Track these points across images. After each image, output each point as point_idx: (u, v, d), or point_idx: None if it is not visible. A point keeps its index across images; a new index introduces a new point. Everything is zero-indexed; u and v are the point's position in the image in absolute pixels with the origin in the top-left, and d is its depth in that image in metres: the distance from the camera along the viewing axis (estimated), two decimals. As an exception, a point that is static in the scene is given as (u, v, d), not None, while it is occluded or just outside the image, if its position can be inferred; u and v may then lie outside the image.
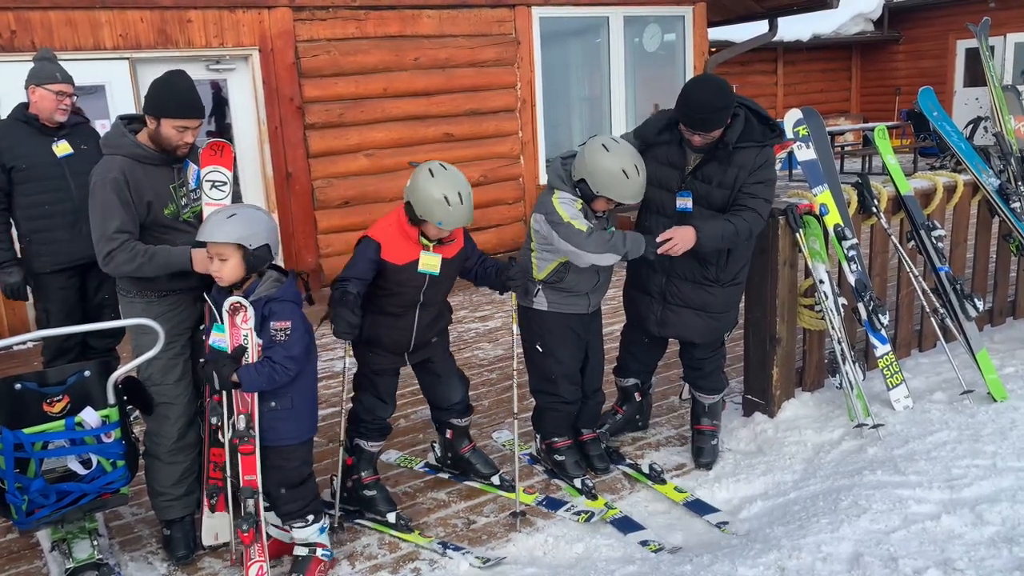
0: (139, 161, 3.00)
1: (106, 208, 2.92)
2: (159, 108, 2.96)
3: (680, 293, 3.52)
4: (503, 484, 3.61)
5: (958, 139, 4.66)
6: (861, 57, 17.13)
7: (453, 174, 3.10)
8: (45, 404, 2.85)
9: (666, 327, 3.60)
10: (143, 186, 2.99)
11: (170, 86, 2.98)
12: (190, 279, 3.05)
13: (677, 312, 3.54)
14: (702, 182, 3.38)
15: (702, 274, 3.47)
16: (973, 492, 3.05)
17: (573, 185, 3.29)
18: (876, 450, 3.51)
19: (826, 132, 4.16)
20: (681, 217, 3.38)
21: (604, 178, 3.17)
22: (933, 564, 2.64)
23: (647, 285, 3.59)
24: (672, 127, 3.39)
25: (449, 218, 3.05)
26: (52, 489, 2.80)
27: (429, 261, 3.20)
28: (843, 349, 3.81)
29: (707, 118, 3.20)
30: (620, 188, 3.17)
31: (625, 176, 3.15)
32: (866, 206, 4.13)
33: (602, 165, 3.17)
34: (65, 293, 4.35)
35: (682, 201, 3.40)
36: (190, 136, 3.02)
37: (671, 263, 3.43)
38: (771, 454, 3.73)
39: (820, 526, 2.92)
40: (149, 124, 3.00)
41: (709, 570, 2.77)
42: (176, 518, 3.21)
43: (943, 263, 4.18)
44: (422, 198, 3.04)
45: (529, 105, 8.06)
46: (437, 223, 3.06)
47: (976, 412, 3.73)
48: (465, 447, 3.72)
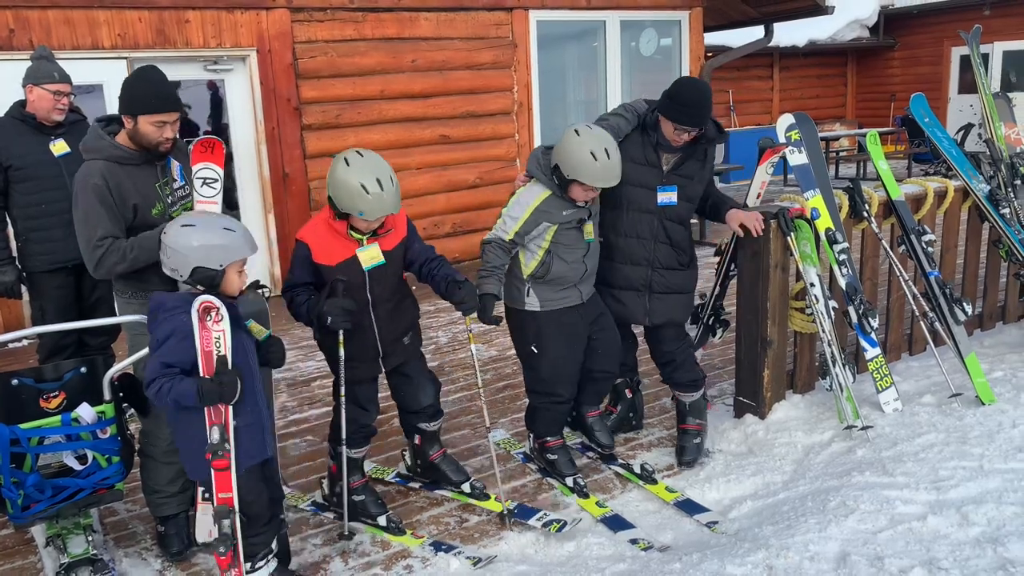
0: (120, 163, 2.93)
1: (89, 215, 2.88)
2: (133, 106, 2.88)
3: (664, 280, 3.67)
4: (474, 492, 3.51)
5: (949, 145, 4.71)
6: (857, 63, 17.21)
7: (371, 160, 2.96)
8: (42, 400, 2.89)
9: (655, 315, 3.71)
10: (126, 189, 2.93)
11: (142, 81, 2.90)
12: None
13: (662, 299, 3.69)
14: (683, 177, 3.59)
15: (677, 260, 3.68)
16: (959, 493, 3.08)
17: (551, 172, 3.33)
18: (865, 452, 3.55)
19: (818, 137, 4.20)
20: (663, 211, 3.58)
21: (574, 161, 3.22)
22: (919, 563, 2.67)
23: (632, 281, 3.67)
24: (645, 128, 3.53)
25: (371, 207, 2.91)
26: (48, 484, 2.83)
27: (369, 255, 3.07)
28: (833, 352, 3.85)
29: (701, 117, 3.41)
30: (588, 170, 3.21)
31: (593, 158, 3.19)
32: (857, 211, 4.18)
33: (571, 148, 3.23)
34: (61, 292, 4.36)
35: (666, 196, 3.56)
36: (169, 131, 2.94)
37: (653, 254, 3.63)
38: (761, 455, 3.77)
39: (808, 526, 2.96)
40: (126, 124, 2.92)
41: (698, 568, 2.81)
42: (171, 515, 3.22)
43: (933, 268, 4.23)
44: (340, 189, 2.92)
45: (526, 108, 8.11)
46: (359, 214, 2.93)
47: (964, 415, 3.77)
48: (435, 453, 3.60)
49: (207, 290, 2.59)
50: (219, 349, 2.55)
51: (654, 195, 3.56)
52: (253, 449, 2.68)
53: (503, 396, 4.75)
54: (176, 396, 2.50)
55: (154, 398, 2.53)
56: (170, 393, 2.50)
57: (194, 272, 2.56)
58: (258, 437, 2.70)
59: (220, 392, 2.52)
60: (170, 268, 2.61)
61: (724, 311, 4.37)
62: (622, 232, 3.62)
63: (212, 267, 2.56)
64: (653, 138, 3.53)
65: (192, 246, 2.55)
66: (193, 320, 2.51)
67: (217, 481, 2.58)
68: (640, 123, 3.59)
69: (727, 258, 4.23)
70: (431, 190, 7.62)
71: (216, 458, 2.57)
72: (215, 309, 2.53)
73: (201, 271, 2.56)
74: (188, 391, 2.49)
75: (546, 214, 3.36)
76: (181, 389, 2.49)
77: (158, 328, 2.56)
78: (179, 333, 2.53)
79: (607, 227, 3.64)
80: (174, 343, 2.53)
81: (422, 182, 7.54)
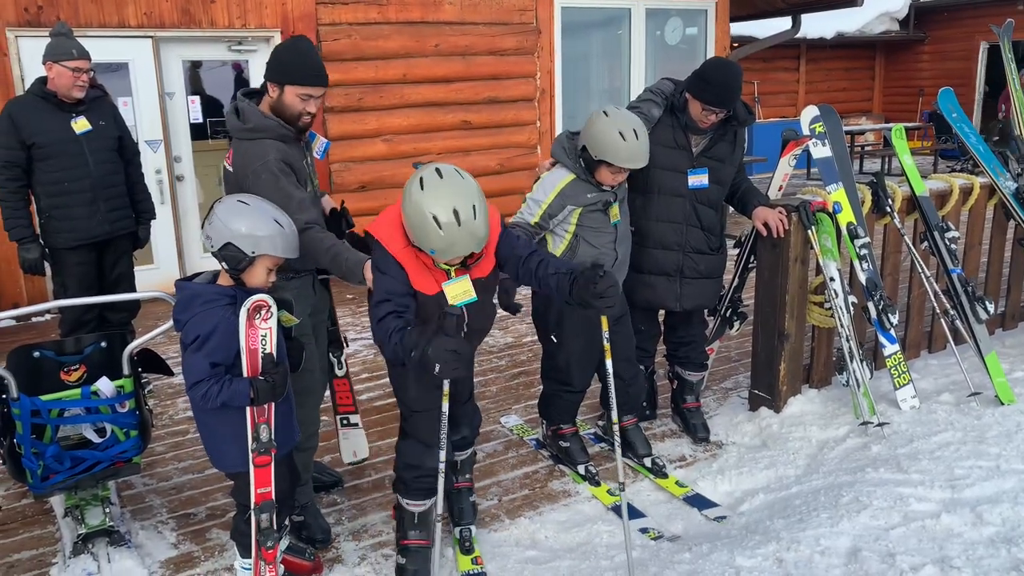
0: (284, 141, 2.83)
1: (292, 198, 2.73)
2: (282, 74, 2.78)
3: (695, 265, 3.69)
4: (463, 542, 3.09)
5: (976, 141, 4.64)
6: (885, 57, 16.97)
7: (452, 183, 2.39)
8: (62, 373, 2.93)
9: (685, 300, 3.73)
10: (295, 168, 2.84)
11: (293, 52, 2.80)
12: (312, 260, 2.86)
13: (693, 283, 3.71)
14: (713, 160, 3.59)
15: (708, 244, 3.70)
16: (975, 492, 3.05)
17: (577, 156, 3.29)
18: (880, 448, 3.52)
19: (842, 130, 4.15)
20: (695, 194, 3.58)
21: (601, 142, 3.17)
22: (930, 561, 2.66)
23: (664, 266, 3.67)
24: (673, 111, 3.51)
25: (443, 246, 2.38)
26: (67, 455, 2.88)
27: (457, 289, 2.53)
28: (851, 347, 3.82)
29: (730, 97, 3.42)
30: (617, 151, 3.16)
31: (622, 138, 3.14)
32: (880, 206, 4.13)
33: (600, 129, 3.18)
34: (82, 268, 4.41)
35: (698, 179, 3.56)
36: (313, 106, 2.83)
37: (685, 239, 3.64)
38: (775, 449, 3.75)
39: (820, 520, 2.95)
40: (271, 92, 2.81)
41: (708, 559, 2.81)
42: (306, 503, 3.15)
43: (956, 265, 4.17)
44: (410, 221, 2.42)
45: (548, 95, 8.07)
46: (430, 251, 2.41)
47: (982, 414, 3.73)
48: (458, 483, 3.23)
49: (230, 272, 2.51)
50: (265, 347, 2.46)
51: (685, 178, 3.56)
52: (286, 440, 2.66)
53: (517, 383, 4.76)
54: (227, 399, 2.41)
55: (199, 400, 2.43)
56: (219, 396, 2.40)
57: (225, 247, 2.45)
58: (289, 427, 2.70)
59: (273, 392, 2.45)
60: (206, 235, 2.50)
61: (742, 303, 4.34)
62: (653, 217, 3.61)
63: (244, 251, 2.44)
64: (682, 120, 3.52)
65: (235, 225, 2.44)
66: (240, 317, 2.41)
67: (257, 477, 2.53)
68: (668, 104, 3.57)
69: (747, 250, 4.20)
70: (451, 175, 7.61)
71: (263, 454, 2.52)
72: (266, 307, 2.44)
73: (232, 249, 2.44)
74: (242, 393, 2.41)
75: (570, 197, 3.31)
76: (234, 392, 2.41)
77: (196, 320, 2.46)
78: (223, 330, 2.43)
79: (637, 213, 3.62)
80: (219, 341, 2.43)
81: (442, 167, 7.53)
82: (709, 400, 4.36)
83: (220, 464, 2.69)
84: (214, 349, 2.43)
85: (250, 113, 2.81)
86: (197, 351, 2.44)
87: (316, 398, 3.15)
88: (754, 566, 2.72)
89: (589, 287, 2.50)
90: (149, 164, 6.13)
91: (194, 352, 2.45)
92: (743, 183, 3.79)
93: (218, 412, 2.49)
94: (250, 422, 2.50)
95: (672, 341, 4.00)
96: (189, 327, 2.47)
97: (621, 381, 3.66)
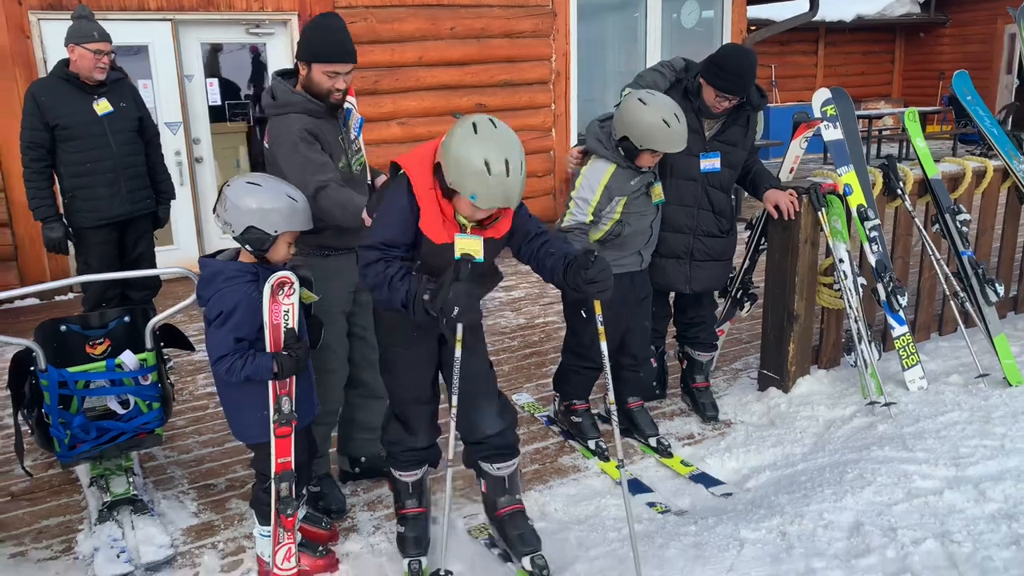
0: (312, 116, 2.88)
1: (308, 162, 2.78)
2: (309, 51, 2.83)
3: (705, 248, 3.72)
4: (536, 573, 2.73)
5: (991, 124, 4.63)
6: (905, 40, 16.76)
7: (505, 135, 2.38)
8: (87, 346, 3.04)
9: (695, 282, 3.77)
10: (323, 141, 2.89)
11: (320, 30, 2.84)
12: (356, 237, 2.90)
13: (702, 266, 3.75)
14: (726, 144, 3.62)
15: (718, 227, 3.73)
16: (978, 471, 3.10)
17: (615, 145, 3.31)
18: (886, 427, 3.57)
19: (854, 113, 4.17)
20: (706, 178, 3.61)
21: (646, 131, 3.18)
22: (931, 535, 2.71)
23: (674, 248, 3.71)
24: (687, 95, 3.53)
25: (488, 193, 2.33)
26: (93, 426, 2.99)
27: (467, 245, 2.48)
28: (860, 328, 3.86)
29: (744, 85, 3.45)
30: (663, 138, 3.19)
31: (667, 126, 3.17)
32: (891, 188, 4.15)
33: (643, 118, 3.19)
34: (105, 247, 4.51)
35: (710, 162, 3.59)
36: (341, 82, 2.87)
37: (696, 222, 3.67)
38: (783, 427, 3.81)
39: (824, 495, 3.00)
40: (301, 70, 2.88)
41: (713, 532, 2.87)
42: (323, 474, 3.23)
43: (966, 247, 4.19)
44: (456, 160, 2.33)
45: (563, 78, 8.09)
46: (470, 196, 2.35)
47: (990, 395, 3.76)
48: (503, 508, 2.83)
49: (253, 252, 2.57)
50: (287, 322, 2.52)
51: (697, 162, 3.59)
52: (306, 413, 2.74)
53: (529, 363, 4.84)
54: (251, 373, 2.48)
55: (224, 374, 2.50)
56: (243, 370, 2.48)
57: (247, 231, 2.52)
58: (309, 400, 2.78)
59: (296, 367, 2.53)
60: (223, 221, 2.55)
61: (752, 285, 4.38)
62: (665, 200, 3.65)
63: (267, 231, 2.50)
64: (695, 104, 3.54)
65: (253, 206, 2.49)
66: (264, 293, 2.47)
67: (278, 447, 2.61)
68: (682, 87, 3.58)
69: (758, 232, 4.23)
70: (466, 158, 7.67)
71: (284, 425, 2.58)
72: (289, 283, 2.49)
73: (254, 232, 2.50)
74: (265, 367, 2.49)
75: (616, 189, 3.34)
76: (257, 366, 2.48)
77: (219, 296, 2.51)
78: (245, 305, 2.50)
79: None
80: (242, 316, 2.50)
81: (457, 150, 7.58)
82: (719, 380, 4.41)
83: (242, 435, 2.78)
84: (238, 324, 2.51)
85: (280, 90, 2.89)
86: (221, 326, 2.52)
87: (338, 377, 3.17)
88: (758, 538, 2.78)
89: (581, 272, 2.50)
90: (168, 146, 6.22)
91: (218, 328, 2.53)
92: (754, 165, 3.82)
93: (241, 385, 2.57)
94: (272, 395, 2.58)
95: (682, 322, 4.05)
96: (212, 303, 2.54)
97: (635, 361, 3.74)
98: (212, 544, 3.09)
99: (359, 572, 2.89)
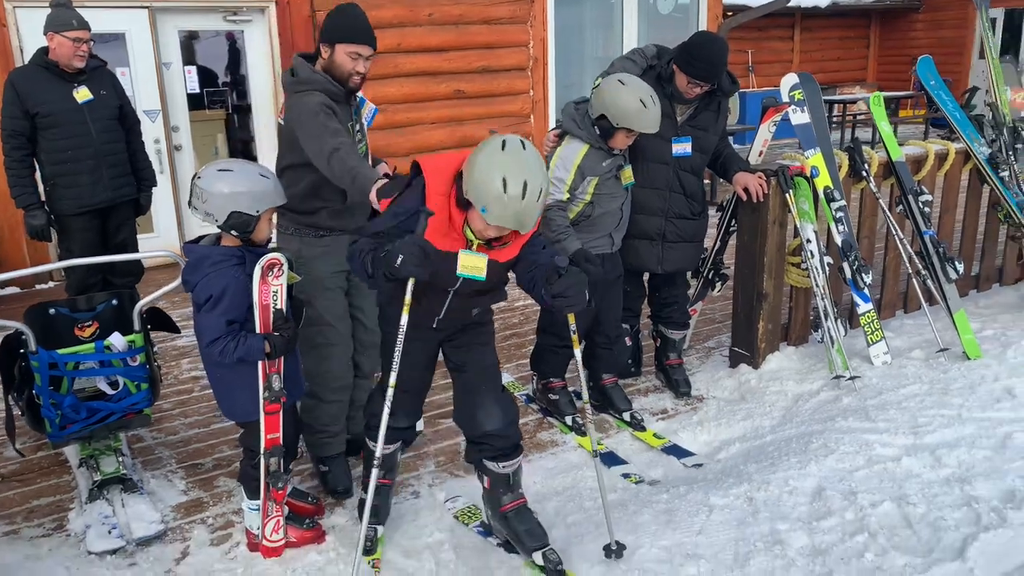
0: (331, 96, 2.94)
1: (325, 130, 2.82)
2: (334, 33, 2.91)
3: (677, 230, 3.84)
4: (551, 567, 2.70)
5: (953, 108, 4.78)
6: (880, 25, 16.96)
7: (530, 158, 2.39)
8: (76, 328, 3.11)
9: (667, 263, 3.90)
10: (338, 116, 2.94)
11: (343, 14, 2.95)
12: (351, 220, 3.05)
13: (675, 247, 3.87)
14: (697, 129, 3.73)
15: (690, 210, 3.85)
16: (935, 438, 3.26)
17: (591, 124, 3.42)
18: (851, 400, 3.72)
19: (821, 97, 4.30)
20: (678, 162, 3.72)
21: (624, 110, 3.31)
22: (889, 498, 2.87)
23: (647, 230, 3.83)
24: (659, 81, 3.64)
25: (499, 211, 2.34)
26: (83, 406, 3.07)
27: (471, 263, 2.52)
28: (826, 306, 4.00)
29: (716, 72, 3.58)
30: (640, 118, 3.32)
31: (644, 106, 3.30)
32: (857, 170, 4.29)
33: (621, 98, 3.32)
34: (87, 235, 4.55)
35: (681, 147, 3.71)
36: (362, 65, 2.95)
37: (668, 204, 3.79)
38: (752, 402, 3.95)
39: (789, 464, 3.15)
40: (323, 53, 2.95)
41: (684, 499, 3.01)
42: (333, 454, 3.32)
43: (928, 227, 4.35)
44: (477, 172, 2.36)
45: (541, 64, 8.16)
46: (481, 209, 2.36)
47: (949, 368, 3.93)
48: (508, 503, 2.83)
49: (239, 236, 2.64)
50: (275, 303, 2.61)
51: (669, 146, 3.71)
52: (293, 390, 2.83)
53: (509, 344, 4.95)
54: (243, 354, 2.57)
55: (217, 356, 2.58)
56: (236, 351, 2.56)
57: (230, 217, 2.57)
58: (296, 378, 2.87)
59: (287, 346, 2.62)
60: (204, 212, 2.60)
61: (724, 266, 4.52)
62: (638, 183, 3.76)
63: (250, 212, 2.58)
64: (668, 90, 3.66)
65: (231, 191, 2.56)
66: (255, 275, 2.56)
67: (267, 424, 2.72)
68: (655, 73, 3.70)
69: (728, 214, 4.36)
70: (445, 145, 7.73)
71: (275, 402, 2.68)
72: (279, 265, 2.58)
73: (238, 216, 2.57)
74: (257, 347, 2.58)
75: (588, 168, 3.46)
76: (249, 347, 2.57)
77: (207, 281, 2.59)
78: (234, 288, 2.58)
79: None
80: (232, 299, 2.58)
81: (437, 137, 7.65)
82: (692, 358, 4.56)
83: (232, 414, 2.87)
84: (228, 307, 2.59)
85: (301, 68, 2.96)
86: (212, 310, 2.60)
87: (341, 350, 3.21)
88: (726, 504, 2.92)
89: (547, 286, 2.53)
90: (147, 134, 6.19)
91: (209, 311, 2.61)
92: (725, 149, 3.95)
93: (232, 365, 2.66)
94: (262, 373, 2.68)
95: (656, 302, 4.18)
96: (200, 288, 2.62)
97: (607, 340, 3.87)
98: (201, 520, 3.19)
99: (345, 543, 2.99)
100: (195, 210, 2.64)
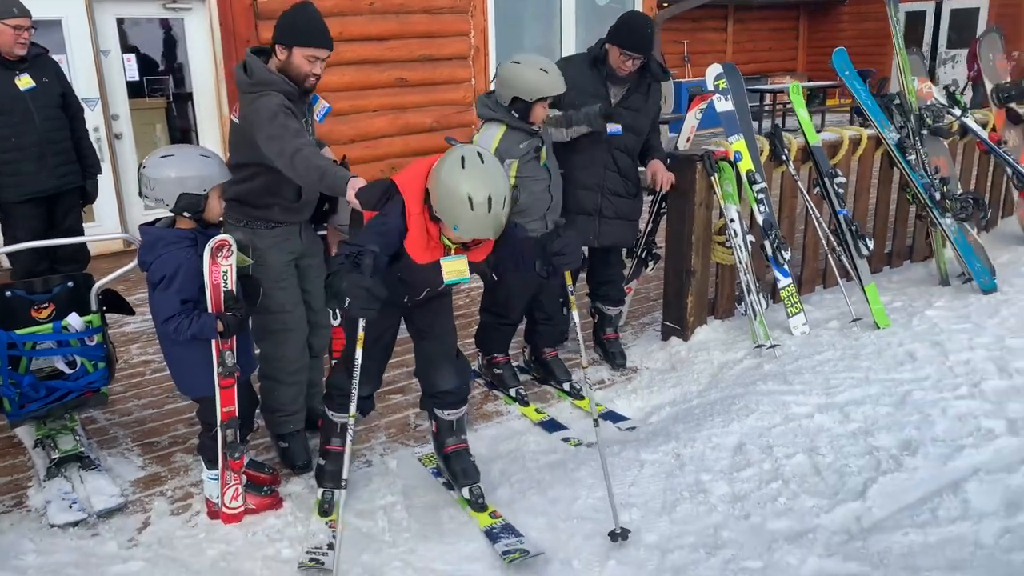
0: (288, 97, 2.96)
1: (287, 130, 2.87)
2: (293, 37, 2.93)
3: (613, 206, 4.09)
4: (476, 499, 3.09)
5: (865, 96, 5.14)
6: (808, 17, 17.62)
7: (490, 169, 2.54)
8: (33, 310, 3.19)
9: (603, 238, 4.13)
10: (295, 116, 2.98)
11: (303, 16, 2.96)
12: (300, 213, 3.17)
13: (611, 223, 4.11)
14: (629, 110, 3.97)
15: (624, 188, 4.10)
16: (844, 397, 3.59)
17: (507, 108, 3.59)
18: (771, 366, 4.04)
19: (743, 86, 4.60)
20: (612, 141, 3.96)
21: (532, 83, 3.51)
22: (801, 451, 3.17)
23: (584, 205, 4.06)
24: (595, 64, 3.92)
25: (469, 226, 2.51)
26: (42, 385, 3.16)
27: (454, 267, 2.70)
28: (748, 281, 4.31)
29: (644, 43, 3.83)
30: (548, 84, 3.51)
31: (545, 72, 3.53)
32: (777, 155, 4.61)
33: (525, 74, 3.52)
34: (32, 222, 4.57)
35: (615, 126, 3.92)
36: (318, 67, 2.99)
37: (603, 181, 4.03)
38: (682, 371, 4.24)
39: (713, 423, 3.44)
40: (279, 55, 2.97)
41: (619, 457, 3.27)
42: (292, 431, 3.44)
43: (842, 207, 4.70)
44: (442, 193, 2.50)
45: (482, 54, 8.33)
46: (452, 227, 2.52)
47: (860, 336, 4.28)
48: (451, 446, 3.19)
49: (192, 217, 2.76)
50: (226, 283, 2.74)
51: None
52: (245, 365, 2.98)
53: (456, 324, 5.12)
54: (196, 332, 2.69)
55: (172, 334, 2.71)
56: (190, 328, 2.69)
57: (180, 199, 2.70)
58: (248, 354, 3.03)
59: (239, 325, 2.77)
60: (155, 199, 2.71)
61: (656, 245, 4.79)
62: (575, 161, 4.00)
63: (198, 192, 2.68)
64: (603, 72, 3.92)
65: (176, 175, 2.67)
66: (205, 256, 2.67)
67: (223, 397, 2.86)
68: (591, 57, 3.96)
69: (659, 197, 4.63)
70: (388, 132, 7.85)
71: (229, 377, 2.83)
72: (227, 246, 2.71)
73: (187, 197, 2.68)
74: (210, 325, 2.71)
75: (507, 151, 3.62)
76: (203, 324, 2.70)
77: (161, 261, 2.70)
78: (186, 268, 2.70)
79: (562, 157, 3.97)
80: (184, 279, 2.70)
81: (379, 124, 7.76)
82: (627, 334, 4.83)
83: (188, 390, 3.01)
84: (181, 287, 2.72)
85: (256, 69, 2.98)
86: (166, 289, 2.73)
87: (297, 335, 3.31)
88: (656, 460, 3.19)
89: (547, 247, 2.70)
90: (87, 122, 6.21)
91: (163, 291, 2.74)
92: (651, 139, 4.20)
93: (187, 343, 2.80)
94: (215, 350, 2.83)
95: (593, 281, 4.43)
96: (155, 268, 2.75)
97: (546, 315, 4.11)
98: (161, 492, 3.31)
99: (302, 508, 3.16)
100: (146, 198, 2.75)
